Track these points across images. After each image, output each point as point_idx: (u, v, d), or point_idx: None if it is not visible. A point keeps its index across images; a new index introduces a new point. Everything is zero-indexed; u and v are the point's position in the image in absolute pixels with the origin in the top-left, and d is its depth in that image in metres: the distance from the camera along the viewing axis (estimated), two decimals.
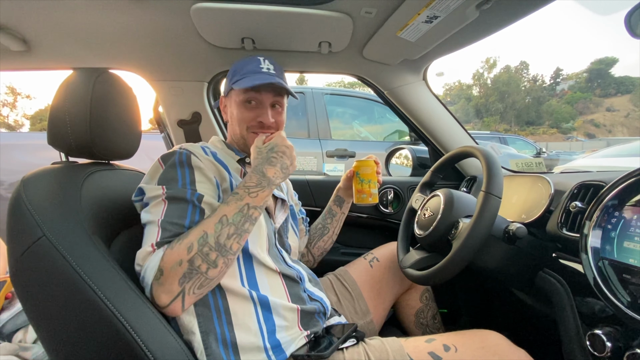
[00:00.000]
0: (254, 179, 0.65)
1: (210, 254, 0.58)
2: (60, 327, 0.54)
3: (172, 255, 0.57)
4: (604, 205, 0.62)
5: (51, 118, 0.69)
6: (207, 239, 0.58)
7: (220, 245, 0.59)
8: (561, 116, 53.47)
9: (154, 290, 0.57)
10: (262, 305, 0.68)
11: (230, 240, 0.60)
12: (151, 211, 0.63)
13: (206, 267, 0.58)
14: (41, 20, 0.85)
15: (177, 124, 1.24)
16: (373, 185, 0.94)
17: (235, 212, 0.61)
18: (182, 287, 0.57)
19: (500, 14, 0.81)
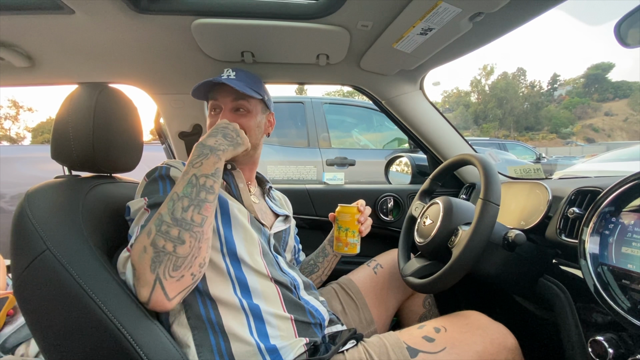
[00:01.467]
0: (196, 152, 0.66)
1: (170, 231, 0.57)
2: (63, 340, 0.54)
3: (137, 245, 0.58)
4: (600, 212, 0.62)
5: (55, 132, 0.71)
6: (162, 218, 0.58)
7: (178, 220, 0.58)
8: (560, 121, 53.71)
9: (136, 290, 0.57)
10: (254, 316, 0.68)
11: (188, 212, 0.59)
12: (134, 222, 0.65)
13: (172, 245, 0.56)
14: (45, 37, 0.87)
15: (178, 136, 1.26)
16: (351, 234, 0.86)
17: (184, 186, 0.61)
18: (155, 273, 0.55)
19: (493, 26, 0.83)
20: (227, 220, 0.72)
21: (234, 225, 0.73)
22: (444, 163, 0.99)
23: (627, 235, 0.60)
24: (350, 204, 0.89)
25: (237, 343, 0.65)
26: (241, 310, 0.68)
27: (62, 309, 0.54)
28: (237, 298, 0.68)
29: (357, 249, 0.87)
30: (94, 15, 0.79)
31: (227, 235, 0.71)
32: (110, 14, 0.79)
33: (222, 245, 0.70)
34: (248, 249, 0.73)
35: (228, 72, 0.82)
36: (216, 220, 0.71)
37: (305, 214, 1.37)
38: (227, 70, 0.83)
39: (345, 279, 1.05)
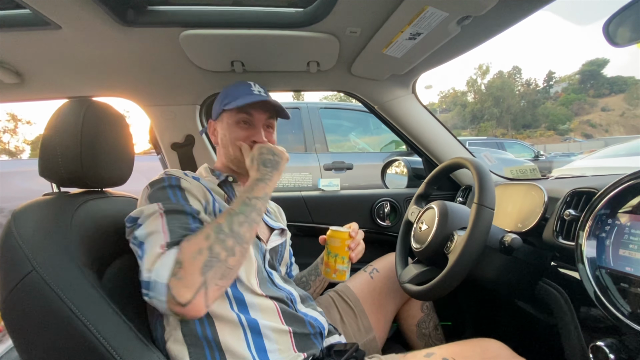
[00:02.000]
0: (248, 183, 0.71)
1: (226, 240, 0.59)
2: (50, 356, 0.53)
3: (191, 245, 0.56)
4: (595, 214, 0.62)
5: (42, 149, 0.70)
6: (221, 227, 0.60)
7: (234, 232, 0.61)
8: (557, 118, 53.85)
9: (172, 288, 0.53)
10: (252, 330, 0.67)
11: (243, 228, 0.62)
12: (148, 225, 0.61)
13: (225, 254, 0.58)
14: (33, 53, 0.87)
15: (170, 147, 1.25)
16: (340, 261, 0.82)
17: (239, 204, 0.65)
18: (204, 277, 0.55)
19: (482, 29, 0.82)
20: None
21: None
22: (438, 167, 0.98)
23: (624, 237, 0.59)
24: (341, 228, 0.84)
25: (234, 358, 0.64)
26: (239, 325, 0.66)
27: (50, 332, 0.53)
28: (234, 313, 0.67)
29: (347, 276, 0.83)
30: (81, 30, 0.79)
31: None
32: (97, 28, 0.79)
33: None
34: (245, 266, 0.71)
35: (258, 89, 0.84)
36: None
37: (302, 222, 1.36)
38: (255, 85, 0.84)
39: (343, 286, 1.04)
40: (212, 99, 1.20)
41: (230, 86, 0.85)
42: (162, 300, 0.54)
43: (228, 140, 0.82)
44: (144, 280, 0.56)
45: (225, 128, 0.83)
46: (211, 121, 0.88)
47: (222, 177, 0.83)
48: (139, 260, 0.60)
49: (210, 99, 1.19)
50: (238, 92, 0.81)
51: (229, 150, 0.82)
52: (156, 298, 0.54)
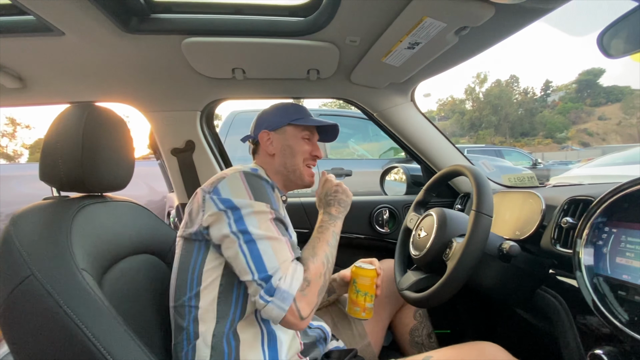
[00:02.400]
0: (326, 217, 0.80)
1: (330, 270, 0.68)
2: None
3: (316, 269, 0.65)
4: (593, 222, 0.62)
5: (43, 153, 0.70)
6: (328, 257, 0.69)
7: (331, 263, 0.69)
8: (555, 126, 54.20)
9: (297, 301, 0.59)
10: (270, 341, 0.69)
11: (333, 260, 0.71)
12: (263, 226, 0.64)
13: (323, 281, 0.66)
14: (36, 59, 0.88)
15: (170, 152, 1.26)
16: (369, 299, 0.83)
17: (332, 236, 0.74)
18: (318, 299, 0.63)
19: (479, 39, 0.84)
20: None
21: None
22: (436, 174, 0.99)
23: (621, 245, 0.59)
24: (368, 265, 0.85)
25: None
26: (259, 335, 0.69)
27: (46, 337, 0.52)
28: (258, 325, 0.70)
29: (371, 315, 0.85)
30: (84, 37, 0.80)
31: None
32: (100, 35, 0.80)
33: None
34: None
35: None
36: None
37: (301, 228, 1.36)
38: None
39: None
40: (213, 104, 1.21)
41: (288, 104, 0.91)
42: (283, 309, 0.59)
43: (294, 151, 0.87)
44: (271, 286, 0.59)
45: (290, 139, 0.87)
46: (266, 131, 0.88)
47: (281, 194, 0.87)
48: (236, 257, 0.62)
49: (211, 104, 1.20)
50: (302, 113, 0.89)
51: (291, 160, 0.87)
52: (278, 305, 0.59)
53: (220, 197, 0.65)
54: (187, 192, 1.28)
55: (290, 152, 0.87)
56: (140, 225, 0.81)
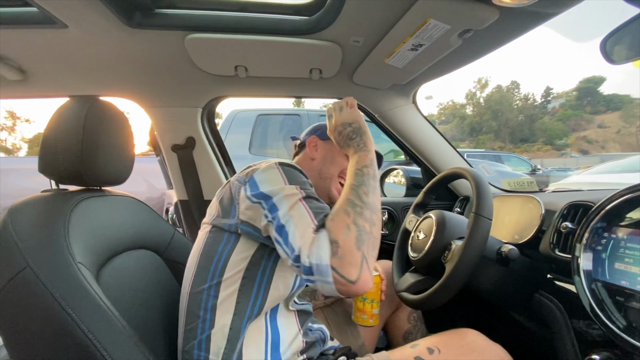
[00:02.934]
0: (351, 160, 0.70)
1: (363, 212, 0.59)
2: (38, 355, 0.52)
3: (337, 224, 0.56)
4: (592, 227, 0.62)
5: (43, 146, 0.70)
6: (353, 201, 0.60)
7: (366, 203, 0.60)
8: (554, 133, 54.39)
9: (338, 268, 0.53)
10: (273, 342, 0.68)
11: (369, 197, 0.61)
12: (290, 209, 0.60)
13: (368, 225, 0.58)
14: (38, 51, 0.87)
15: (171, 148, 1.25)
16: (376, 306, 0.85)
17: (355, 177, 0.65)
18: (361, 251, 0.55)
19: (482, 42, 0.84)
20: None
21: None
22: (436, 176, 0.99)
23: (620, 251, 0.59)
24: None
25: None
26: (263, 334, 0.69)
27: (40, 328, 0.52)
28: (264, 323, 0.69)
29: (376, 319, 0.86)
30: (87, 30, 0.80)
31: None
32: (103, 29, 0.79)
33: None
34: (286, 279, 0.71)
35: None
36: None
37: None
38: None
39: None
40: (214, 102, 1.20)
41: None
42: (329, 282, 0.53)
43: (334, 163, 0.90)
44: (304, 265, 0.54)
45: (334, 151, 0.90)
46: (315, 137, 0.92)
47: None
48: (276, 244, 0.59)
49: (213, 102, 1.20)
50: None
51: (330, 168, 0.90)
52: (322, 280, 0.53)
53: (256, 187, 0.64)
54: (186, 188, 1.28)
55: (330, 161, 0.90)
56: (138, 220, 0.81)
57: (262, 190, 0.63)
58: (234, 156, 1.44)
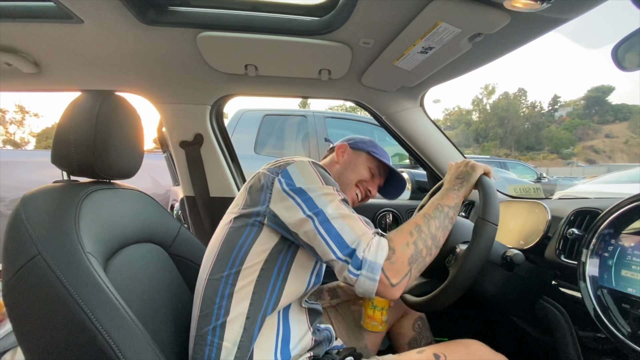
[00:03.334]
0: (441, 191, 0.76)
1: (427, 240, 0.64)
2: (48, 347, 0.53)
3: (398, 238, 0.62)
4: (599, 234, 0.62)
5: (56, 138, 0.71)
6: (421, 227, 0.64)
7: (432, 234, 0.65)
8: (561, 142, 54.00)
9: (387, 270, 0.58)
10: (284, 339, 0.69)
11: (439, 232, 0.66)
12: (334, 206, 0.63)
13: (426, 252, 0.63)
14: (53, 45, 0.89)
15: (179, 145, 1.27)
16: (385, 313, 0.88)
17: (433, 209, 0.69)
18: (410, 267, 0.61)
19: (492, 47, 0.84)
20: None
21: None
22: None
23: (627, 258, 0.59)
24: None
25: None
26: (274, 332, 0.69)
27: (49, 316, 0.53)
28: (277, 322, 0.70)
29: (384, 327, 0.89)
30: (102, 26, 0.81)
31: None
32: (118, 25, 0.81)
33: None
34: (299, 278, 0.72)
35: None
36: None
37: None
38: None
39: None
40: (223, 99, 1.22)
41: (376, 143, 0.99)
42: (374, 279, 0.58)
43: (354, 171, 0.93)
44: (357, 259, 0.59)
45: (358, 161, 0.94)
46: (346, 144, 0.96)
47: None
48: (315, 239, 0.61)
49: (222, 99, 1.21)
50: (384, 153, 0.97)
51: (350, 175, 0.92)
52: (368, 277, 0.58)
53: (291, 180, 0.66)
54: (193, 185, 1.29)
55: (352, 169, 0.93)
56: (146, 214, 0.82)
57: (298, 185, 0.65)
58: (240, 155, 1.45)
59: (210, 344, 0.63)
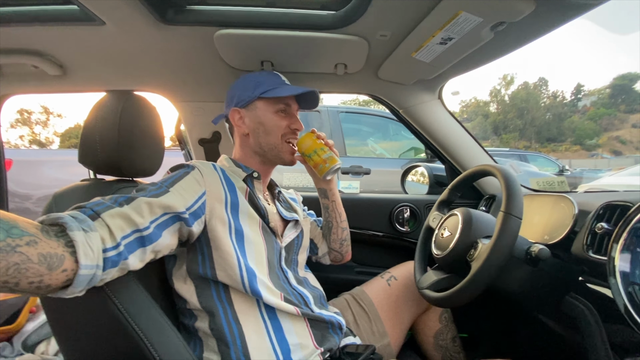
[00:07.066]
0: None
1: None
2: (82, 339, 0.56)
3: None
4: (632, 227, 0.59)
5: (83, 137, 0.74)
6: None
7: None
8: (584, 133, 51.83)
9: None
10: (275, 331, 0.70)
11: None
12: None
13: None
14: (77, 47, 0.92)
15: (198, 142, 1.29)
16: (322, 152, 0.85)
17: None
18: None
19: (515, 36, 0.81)
20: (241, 238, 0.73)
21: (246, 243, 0.74)
22: (463, 173, 0.97)
23: None
24: (301, 135, 0.88)
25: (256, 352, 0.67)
26: (261, 322, 0.70)
27: (81, 309, 0.55)
28: (259, 314, 0.71)
29: (336, 158, 0.86)
30: (124, 27, 0.83)
31: (241, 252, 0.72)
32: (138, 25, 0.82)
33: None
34: (259, 266, 0.73)
35: (287, 80, 0.89)
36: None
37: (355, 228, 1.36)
38: (283, 75, 0.89)
39: (359, 290, 1.03)
40: None
41: (257, 75, 0.88)
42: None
43: (269, 127, 0.83)
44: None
45: (262, 116, 0.84)
46: (236, 109, 0.86)
47: (249, 172, 0.84)
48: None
49: None
50: (272, 82, 0.85)
51: (268, 138, 0.84)
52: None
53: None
54: None
55: (264, 130, 0.83)
56: None
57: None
58: None
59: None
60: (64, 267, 0.43)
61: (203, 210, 0.68)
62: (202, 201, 0.68)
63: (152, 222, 0.57)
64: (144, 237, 0.55)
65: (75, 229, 0.46)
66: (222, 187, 0.74)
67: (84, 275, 0.45)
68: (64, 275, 0.43)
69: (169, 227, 0.61)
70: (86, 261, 0.45)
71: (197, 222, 0.66)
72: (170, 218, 0.61)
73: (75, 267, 0.44)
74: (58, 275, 0.43)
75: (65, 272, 0.43)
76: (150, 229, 0.56)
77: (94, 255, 0.47)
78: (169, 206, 0.60)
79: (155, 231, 0.57)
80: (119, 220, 0.53)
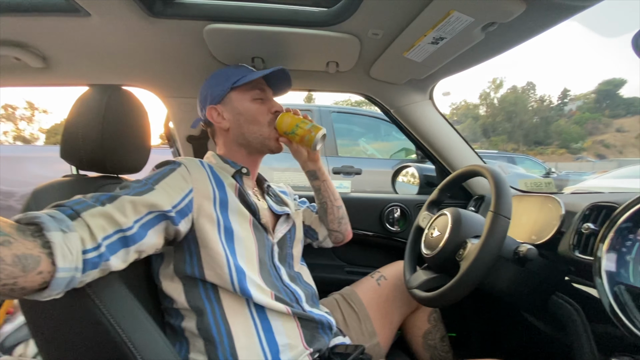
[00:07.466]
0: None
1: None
2: (60, 338, 0.54)
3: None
4: (617, 228, 0.60)
5: (65, 132, 0.71)
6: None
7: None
8: (570, 136, 53.09)
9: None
10: (265, 330, 0.68)
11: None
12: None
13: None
14: (60, 39, 0.89)
15: (186, 139, 1.26)
16: (303, 124, 0.83)
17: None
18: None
19: (506, 36, 0.82)
20: (230, 236, 0.71)
21: (236, 242, 0.72)
22: (453, 173, 0.97)
23: None
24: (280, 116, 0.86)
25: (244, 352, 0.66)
26: (250, 319, 0.69)
27: (61, 309, 0.53)
28: (249, 312, 0.69)
29: (320, 126, 0.85)
30: (109, 19, 0.80)
31: (230, 250, 0.70)
32: (125, 18, 0.80)
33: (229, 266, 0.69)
34: (249, 265, 0.72)
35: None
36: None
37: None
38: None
39: (348, 289, 1.03)
40: None
41: (225, 69, 0.88)
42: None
43: (251, 117, 0.82)
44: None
45: (239, 106, 0.83)
46: (212, 106, 0.85)
47: (237, 167, 0.83)
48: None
49: None
50: (241, 72, 0.85)
51: (252, 127, 0.83)
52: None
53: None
54: None
55: (245, 120, 0.82)
56: None
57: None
58: None
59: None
60: (40, 269, 0.41)
61: (190, 208, 0.66)
62: (189, 199, 0.67)
63: (137, 221, 0.56)
64: (128, 237, 0.54)
65: (52, 230, 0.44)
66: (210, 184, 0.72)
67: (62, 278, 0.43)
68: (40, 278, 0.41)
69: (154, 227, 0.59)
70: (64, 264, 0.43)
71: (184, 221, 0.65)
72: (155, 217, 0.59)
73: (52, 269, 0.42)
74: (34, 277, 0.41)
75: (41, 275, 0.41)
76: (134, 228, 0.55)
77: (73, 257, 0.45)
78: (154, 204, 0.59)
79: (140, 231, 0.56)
80: (100, 220, 0.51)
